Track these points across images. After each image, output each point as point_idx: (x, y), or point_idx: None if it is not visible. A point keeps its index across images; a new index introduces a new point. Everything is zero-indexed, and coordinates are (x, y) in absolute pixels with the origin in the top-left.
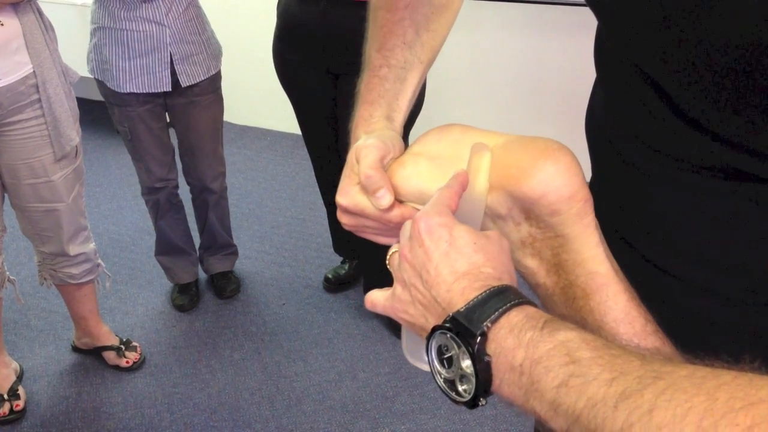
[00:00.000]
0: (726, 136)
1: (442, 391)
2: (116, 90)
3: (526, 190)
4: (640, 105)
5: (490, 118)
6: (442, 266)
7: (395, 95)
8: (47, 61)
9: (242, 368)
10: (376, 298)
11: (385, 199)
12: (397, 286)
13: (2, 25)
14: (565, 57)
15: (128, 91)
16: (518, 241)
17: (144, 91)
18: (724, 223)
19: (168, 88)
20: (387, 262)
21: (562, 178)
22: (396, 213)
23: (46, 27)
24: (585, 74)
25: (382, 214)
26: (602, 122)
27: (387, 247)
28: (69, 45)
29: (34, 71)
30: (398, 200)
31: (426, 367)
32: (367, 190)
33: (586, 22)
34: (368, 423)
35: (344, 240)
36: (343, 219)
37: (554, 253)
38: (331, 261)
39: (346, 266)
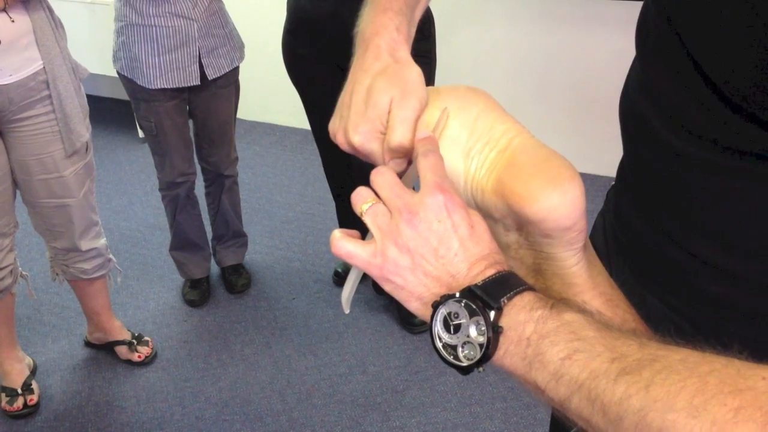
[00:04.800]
0: (766, 119)
1: (439, 354)
2: (146, 87)
3: (527, 211)
4: (680, 84)
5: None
6: (463, 248)
7: (412, 7)
8: (57, 57)
9: (253, 362)
10: (354, 250)
11: (401, 167)
12: (391, 248)
13: (13, 21)
14: (572, 50)
15: (159, 87)
16: (503, 244)
17: (174, 86)
18: (759, 208)
19: (197, 81)
20: (362, 213)
21: (565, 211)
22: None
23: (56, 24)
24: (592, 67)
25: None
26: (637, 103)
27: None
28: (78, 42)
29: (44, 67)
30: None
31: (347, 309)
32: (389, 151)
33: (593, 14)
34: (378, 416)
35: None
36: (344, 147)
37: (535, 261)
38: None
39: None
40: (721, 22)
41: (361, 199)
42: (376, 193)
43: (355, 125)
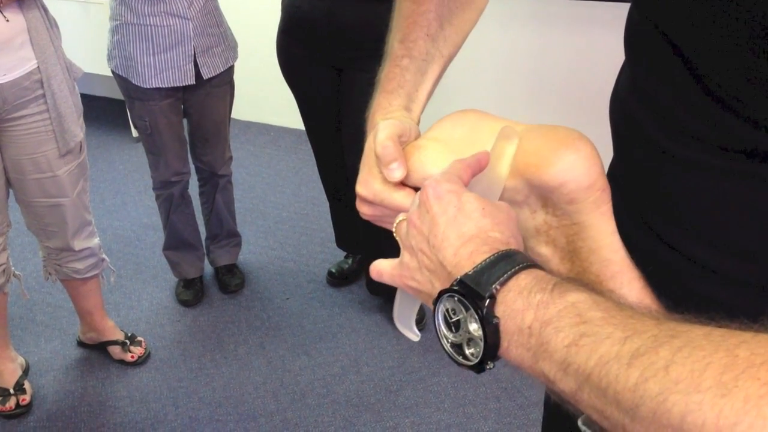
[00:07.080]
0: (756, 117)
1: (449, 355)
2: (141, 86)
3: (546, 178)
4: (669, 84)
5: (492, 113)
6: (449, 230)
7: (415, 86)
8: (51, 56)
9: (247, 362)
10: (383, 268)
11: (399, 171)
12: (404, 254)
13: (7, 21)
14: (567, 51)
15: (154, 86)
16: (533, 229)
17: (169, 86)
18: (748, 207)
19: (192, 81)
20: (394, 231)
21: (582, 168)
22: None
23: (51, 23)
24: (586, 68)
25: (401, 204)
26: (627, 103)
27: (388, 242)
28: (72, 41)
29: (38, 67)
30: (411, 187)
31: (413, 336)
32: (381, 162)
33: (588, 16)
34: (372, 416)
35: (347, 235)
36: (362, 209)
37: (569, 240)
38: (335, 255)
39: (350, 261)
40: (707, 19)
41: (398, 219)
42: None
43: (357, 181)
